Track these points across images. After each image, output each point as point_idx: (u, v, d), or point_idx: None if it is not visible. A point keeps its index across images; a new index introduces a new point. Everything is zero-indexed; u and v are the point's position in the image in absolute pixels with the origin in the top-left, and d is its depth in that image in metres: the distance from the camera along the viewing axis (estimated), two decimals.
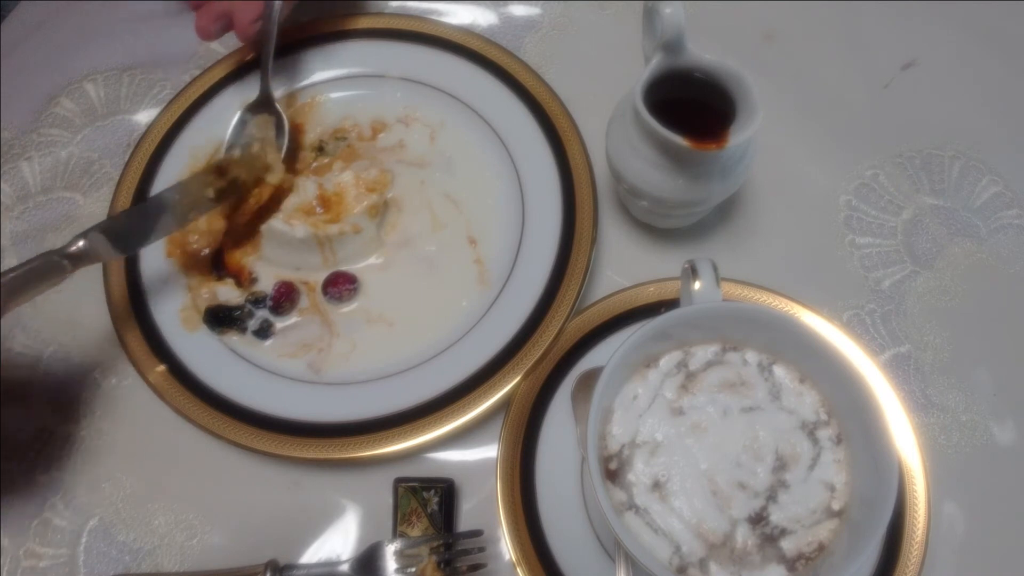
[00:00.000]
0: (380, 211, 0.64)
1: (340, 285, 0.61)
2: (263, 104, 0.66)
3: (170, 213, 0.59)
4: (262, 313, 0.62)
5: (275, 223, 0.61)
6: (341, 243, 0.62)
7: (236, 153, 0.63)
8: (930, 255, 0.64)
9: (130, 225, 0.58)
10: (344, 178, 0.64)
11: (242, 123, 0.66)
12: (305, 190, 0.63)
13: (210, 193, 0.60)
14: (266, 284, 0.62)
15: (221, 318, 0.61)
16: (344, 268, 0.63)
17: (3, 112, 0.73)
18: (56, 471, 0.58)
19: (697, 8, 0.70)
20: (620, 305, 0.59)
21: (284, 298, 0.61)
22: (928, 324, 0.61)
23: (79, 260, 0.55)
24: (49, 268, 0.53)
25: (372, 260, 0.64)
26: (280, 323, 0.61)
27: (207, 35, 0.63)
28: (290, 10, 0.68)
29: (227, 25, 0.64)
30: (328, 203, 0.63)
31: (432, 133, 0.68)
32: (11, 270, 0.51)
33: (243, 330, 0.61)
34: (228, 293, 0.62)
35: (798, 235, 0.65)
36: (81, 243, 0.54)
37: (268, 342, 0.61)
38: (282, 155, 0.65)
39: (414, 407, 0.56)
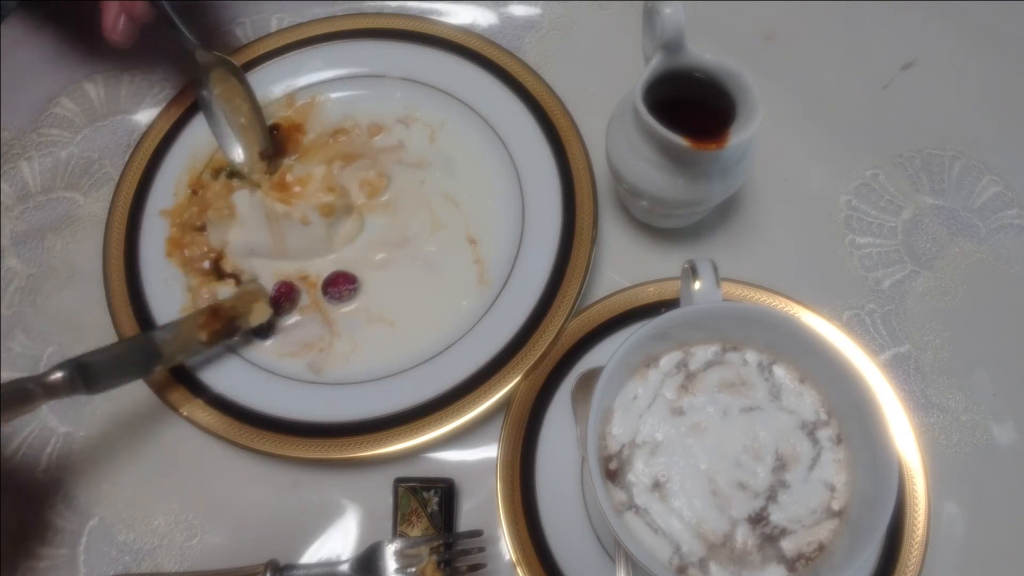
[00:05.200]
0: (336, 214, 0.63)
1: (340, 285, 0.61)
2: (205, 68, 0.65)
3: (158, 354, 0.56)
4: None
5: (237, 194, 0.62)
6: (290, 229, 0.62)
7: (228, 296, 0.60)
8: (930, 255, 0.64)
9: (113, 363, 0.54)
10: (316, 170, 0.63)
11: (206, 103, 0.66)
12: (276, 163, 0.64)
13: (202, 336, 0.57)
14: (266, 284, 0.62)
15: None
16: (299, 265, 0.63)
17: (3, 112, 0.73)
18: (56, 471, 0.58)
19: (697, 8, 0.71)
20: (620, 305, 0.59)
21: (284, 298, 0.61)
22: (928, 324, 0.61)
23: (53, 391, 0.50)
24: (20, 394, 0.49)
25: (326, 259, 0.63)
26: (280, 322, 0.61)
27: (113, 34, 0.60)
28: None
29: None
30: (284, 184, 0.62)
31: (432, 133, 0.68)
32: None
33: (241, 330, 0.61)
34: (228, 293, 0.62)
35: (798, 235, 0.65)
36: (59, 375, 0.50)
37: (268, 342, 0.60)
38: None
39: (414, 407, 0.56)
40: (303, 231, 0.62)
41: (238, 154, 0.66)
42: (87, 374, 0.51)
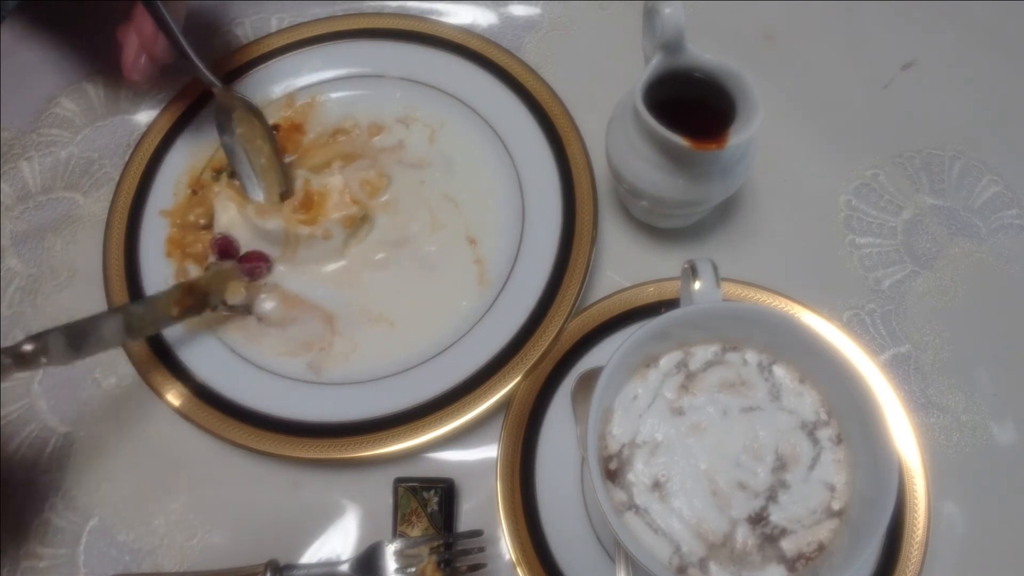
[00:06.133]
0: (356, 224, 0.63)
1: (253, 261, 0.62)
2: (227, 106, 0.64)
3: (130, 326, 0.56)
4: None
5: (250, 210, 0.62)
6: (308, 245, 0.62)
7: (206, 273, 0.61)
8: (930, 255, 0.64)
9: (87, 331, 0.53)
10: (333, 181, 0.63)
11: (228, 145, 0.65)
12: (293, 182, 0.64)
13: (174, 312, 0.58)
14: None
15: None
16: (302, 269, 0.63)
17: (3, 112, 0.73)
18: (56, 471, 0.58)
19: (697, 8, 0.71)
20: (620, 305, 0.59)
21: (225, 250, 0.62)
22: (928, 324, 0.61)
23: (24, 362, 0.49)
24: None
25: (330, 267, 0.63)
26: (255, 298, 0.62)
27: (134, 74, 0.61)
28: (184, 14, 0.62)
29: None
30: (310, 203, 0.62)
31: (432, 133, 0.68)
32: None
33: (214, 307, 0.60)
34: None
35: (798, 235, 0.65)
36: (29, 346, 0.49)
37: (254, 324, 0.61)
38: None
39: (414, 407, 0.56)
40: (322, 244, 0.62)
41: (258, 194, 0.65)
42: (71, 340, 0.51)
